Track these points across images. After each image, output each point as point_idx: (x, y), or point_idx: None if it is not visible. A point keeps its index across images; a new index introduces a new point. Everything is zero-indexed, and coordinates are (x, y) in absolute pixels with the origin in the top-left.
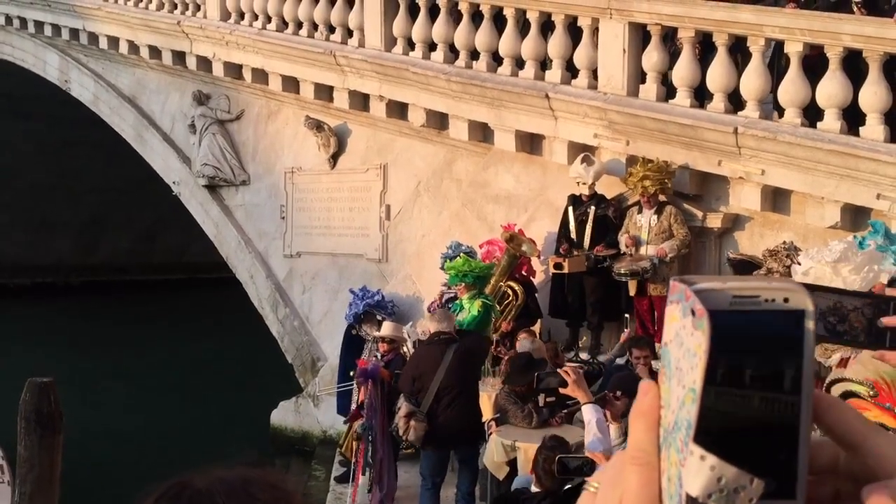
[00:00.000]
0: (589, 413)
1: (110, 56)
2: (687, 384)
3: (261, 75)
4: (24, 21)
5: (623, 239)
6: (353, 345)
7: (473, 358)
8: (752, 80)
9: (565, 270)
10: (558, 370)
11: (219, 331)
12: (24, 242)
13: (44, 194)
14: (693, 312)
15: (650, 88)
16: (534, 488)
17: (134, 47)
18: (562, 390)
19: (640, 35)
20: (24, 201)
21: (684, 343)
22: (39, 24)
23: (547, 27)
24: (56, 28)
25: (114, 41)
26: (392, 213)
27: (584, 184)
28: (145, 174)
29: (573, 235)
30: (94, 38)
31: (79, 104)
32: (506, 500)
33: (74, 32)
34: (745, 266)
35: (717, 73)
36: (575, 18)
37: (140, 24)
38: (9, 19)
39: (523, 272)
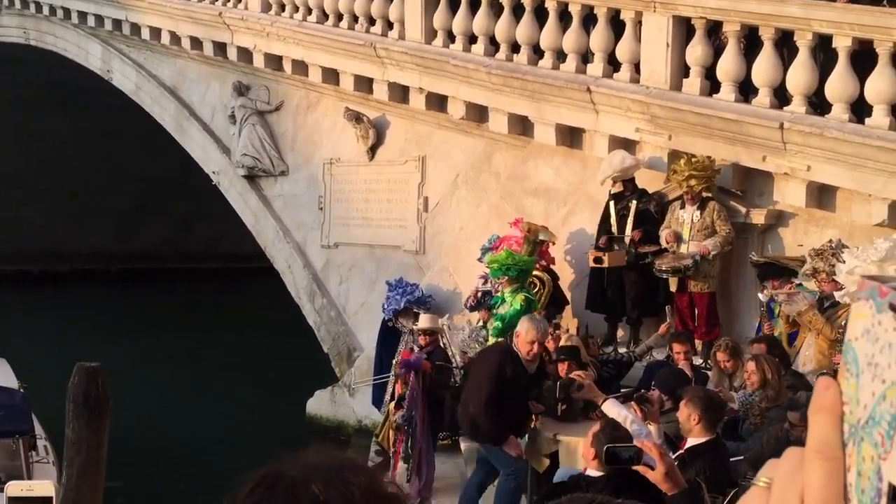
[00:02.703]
0: (614, 408)
1: (152, 47)
2: (889, 378)
3: (301, 67)
4: (67, 11)
5: (664, 234)
6: (389, 336)
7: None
8: (799, 75)
9: (605, 265)
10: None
11: (255, 319)
12: (65, 230)
13: (84, 183)
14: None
15: (694, 82)
16: (593, 472)
17: (175, 38)
18: (577, 395)
19: (683, 29)
20: (65, 190)
21: (880, 339)
22: (83, 15)
23: (589, 20)
24: (99, 18)
25: (156, 32)
26: (430, 206)
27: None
28: (183, 164)
29: (614, 229)
30: (136, 28)
31: (120, 94)
32: (567, 486)
33: (117, 23)
34: (770, 268)
35: (763, 68)
36: (618, 11)
37: (182, 15)
38: (52, 10)
39: (543, 261)
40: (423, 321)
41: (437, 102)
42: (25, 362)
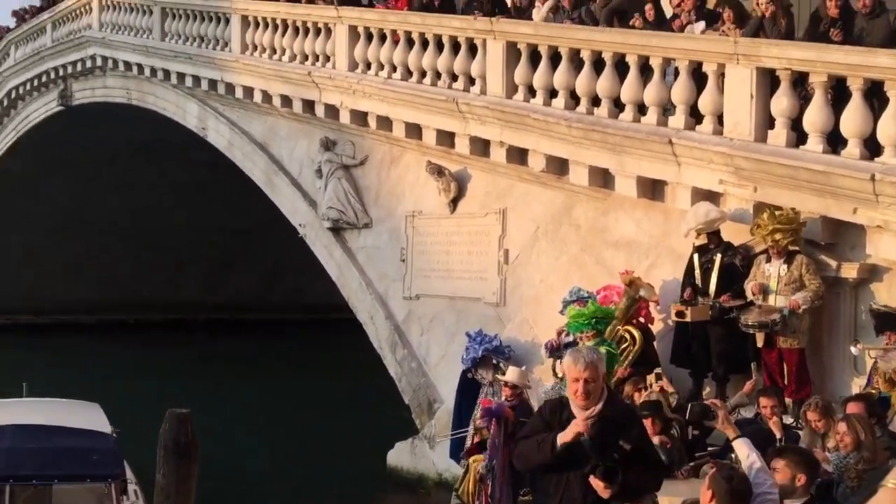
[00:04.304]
0: (745, 447)
1: (245, 105)
2: None
3: (385, 122)
4: (167, 73)
5: (749, 287)
6: (468, 388)
7: None
8: (891, 126)
9: (687, 319)
10: (709, 402)
11: (337, 370)
12: (158, 281)
13: (176, 235)
14: None
15: (779, 134)
16: None
17: (267, 96)
18: (710, 423)
19: (768, 80)
20: (158, 241)
21: None
22: (181, 76)
23: (669, 73)
24: (196, 79)
25: (249, 91)
26: (510, 258)
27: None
28: (269, 217)
29: (698, 283)
30: (230, 88)
31: (210, 149)
32: None
33: (213, 83)
34: (890, 318)
35: (852, 119)
36: (699, 64)
37: (273, 75)
38: (153, 71)
39: (640, 318)
40: (511, 374)
41: (518, 155)
42: (118, 407)
